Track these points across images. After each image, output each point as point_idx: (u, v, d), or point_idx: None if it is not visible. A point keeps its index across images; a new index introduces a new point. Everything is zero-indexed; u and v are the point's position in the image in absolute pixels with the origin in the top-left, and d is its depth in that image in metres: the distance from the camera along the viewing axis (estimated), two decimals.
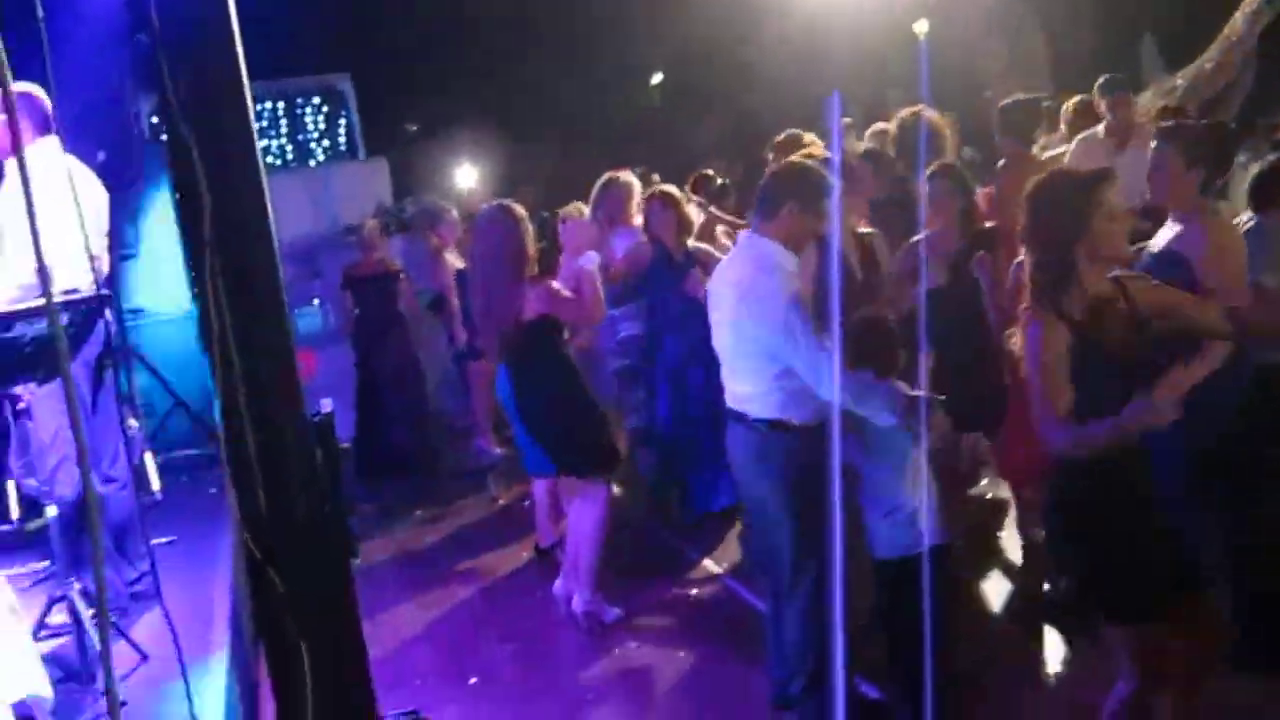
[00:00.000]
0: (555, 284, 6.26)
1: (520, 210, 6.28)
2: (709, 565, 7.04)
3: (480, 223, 6.42)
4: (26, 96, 4.77)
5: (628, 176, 7.96)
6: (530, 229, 6.23)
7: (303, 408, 2.54)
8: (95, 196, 4.87)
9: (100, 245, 5.09)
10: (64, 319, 3.30)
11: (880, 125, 8.78)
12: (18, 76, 2.10)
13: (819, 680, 4.83)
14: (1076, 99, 9.07)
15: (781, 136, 7.54)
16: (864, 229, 6.12)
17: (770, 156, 7.59)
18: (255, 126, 2.65)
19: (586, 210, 8.12)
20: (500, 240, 6.16)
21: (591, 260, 6.51)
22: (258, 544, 2.47)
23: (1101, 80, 8.59)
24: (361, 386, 10.17)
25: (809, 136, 7.37)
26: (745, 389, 4.81)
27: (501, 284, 6.14)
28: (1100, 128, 8.33)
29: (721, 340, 4.90)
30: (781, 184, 4.79)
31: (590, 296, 6.40)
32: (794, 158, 5.25)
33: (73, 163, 4.62)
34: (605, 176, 7.99)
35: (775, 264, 4.67)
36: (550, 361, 6.27)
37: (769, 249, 4.71)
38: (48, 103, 4.21)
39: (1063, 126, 8.92)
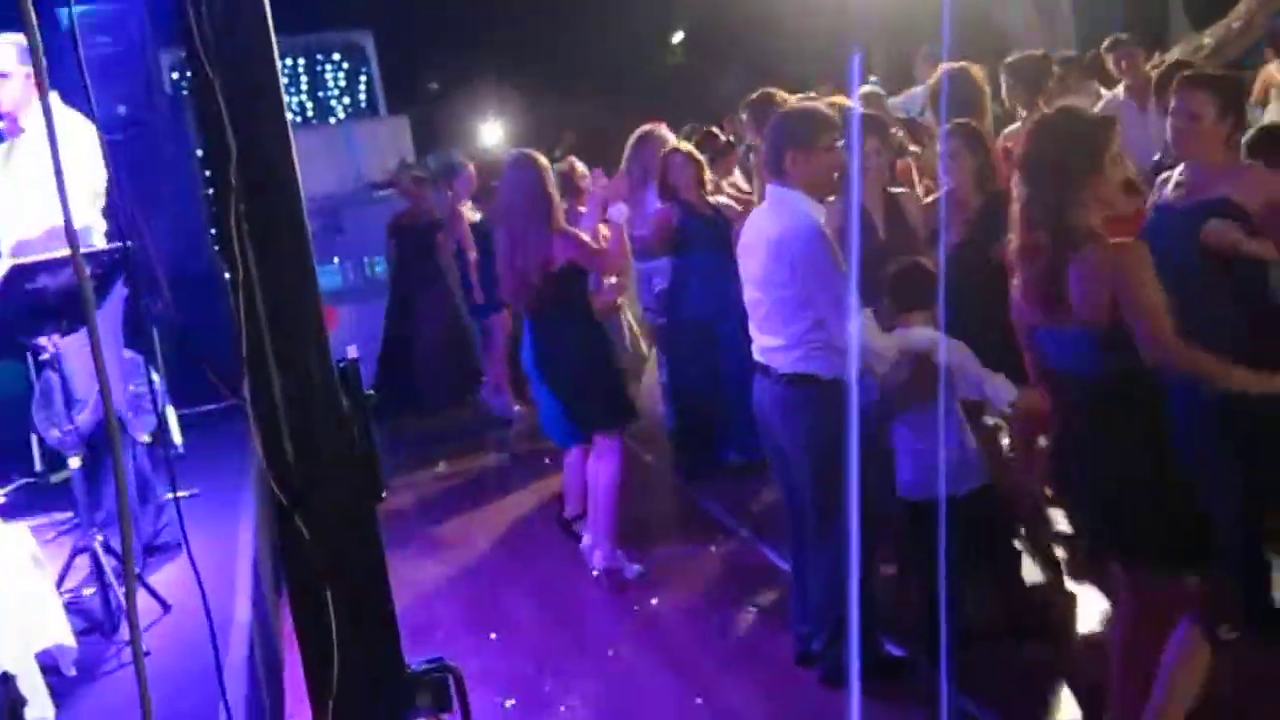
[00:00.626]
0: (582, 233, 6.24)
1: (543, 159, 6.28)
2: (730, 522, 7.03)
3: (506, 171, 6.38)
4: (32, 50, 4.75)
5: (663, 131, 7.89)
6: (552, 177, 6.23)
7: (329, 352, 2.53)
8: (91, 141, 4.85)
9: (101, 185, 5.09)
10: (88, 270, 3.29)
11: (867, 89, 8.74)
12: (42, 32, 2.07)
13: (841, 635, 4.83)
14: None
15: (754, 95, 7.50)
16: (894, 188, 6.06)
17: (744, 117, 7.55)
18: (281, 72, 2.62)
19: (580, 165, 8.09)
20: (527, 188, 6.13)
21: (621, 213, 6.48)
22: (283, 490, 2.46)
23: (1107, 42, 8.59)
24: (392, 329, 10.41)
25: (782, 94, 7.32)
26: (773, 342, 4.80)
27: (528, 232, 6.11)
28: (1120, 89, 8.25)
29: (751, 294, 4.88)
30: (776, 135, 4.78)
31: (617, 248, 6.38)
32: (794, 103, 5.20)
33: (66, 110, 4.61)
34: (640, 131, 7.93)
35: (803, 211, 4.67)
36: (574, 313, 6.26)
37: (793, 198, 4.70)
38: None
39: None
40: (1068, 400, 3.98)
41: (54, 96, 4.37)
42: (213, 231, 9.78)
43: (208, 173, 2.64)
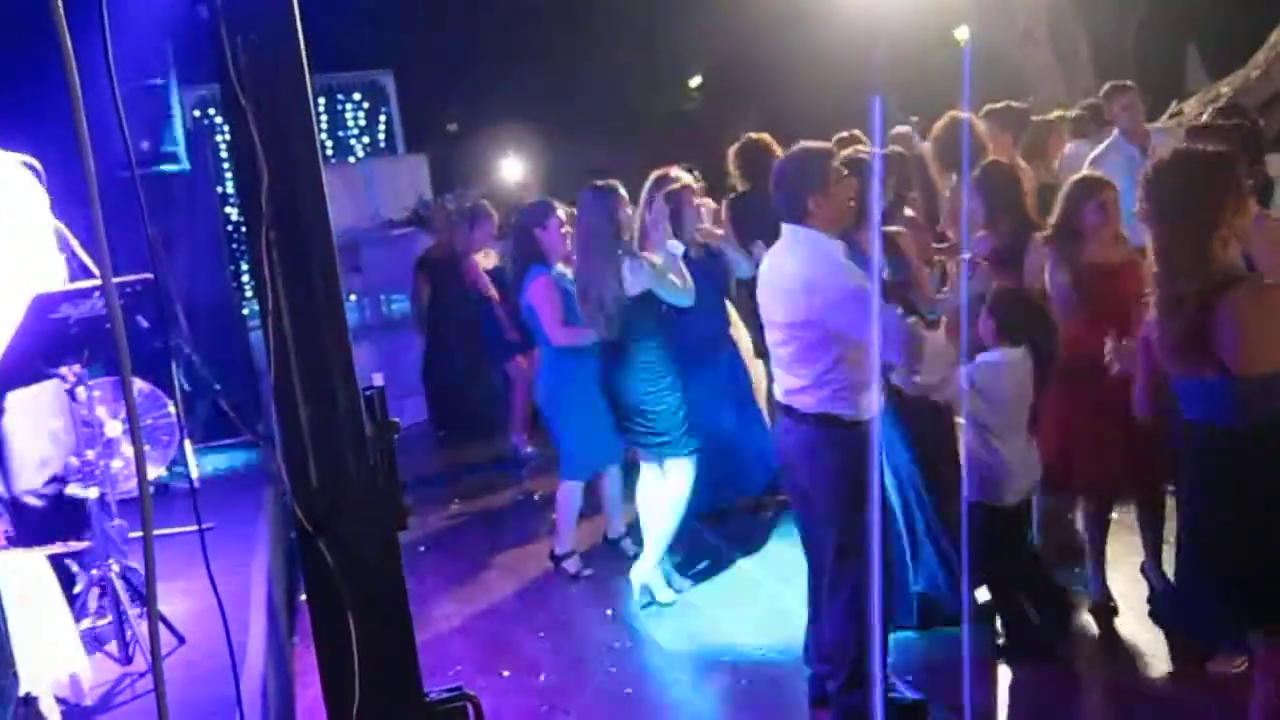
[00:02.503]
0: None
1: (622, 190, 6.44)
2: (743, 561, 7.01)
3: (584, 201, 6.50)
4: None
5: (678, 172, 7.90)
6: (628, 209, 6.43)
7: (354, 379, 2.54)
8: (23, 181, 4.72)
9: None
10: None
11: (900, 129, 8.78)
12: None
13: (856, 680, 4.82)
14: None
15: (742, 140, 7.54)
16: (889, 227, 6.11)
17: (733, 164, 7.57)
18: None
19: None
20: (600, 212, 6.29)
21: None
22: (308, 516, 2.47)
23: (1106, 86, 8.58)
24: (432, 358, 10.92)
25: (766, 139, 7.39)
26: (796, 382, 4.80)
27: (604, 256, 6.25)
28: (1116, 132, 8.25)
29: (774, 335, 4.89)
30: (792, 181, 4.77)
31: None
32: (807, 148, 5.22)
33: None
34: (656, 173, 7.95)
35: (826, 251, 4.69)
36: (651, 337, 6.39)
37: (815, 238, 4.70)
38: None
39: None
40: (1208, 452, 3.82)
41: None
42: (231, 268, 9.85)
43: (227, 209, 2.66)
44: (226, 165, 11.29)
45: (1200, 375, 3.67)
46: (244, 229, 2.44)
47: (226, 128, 2.69)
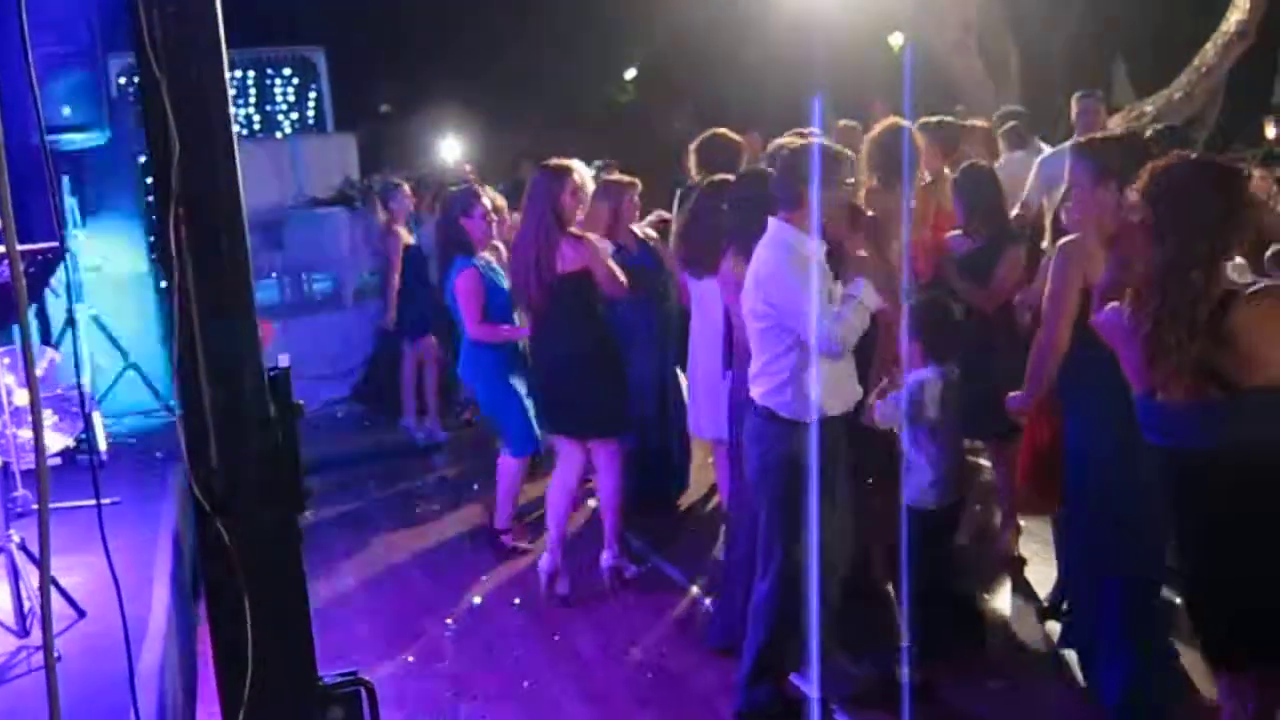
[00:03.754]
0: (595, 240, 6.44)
1: (568, 169, 6.42)
2: (651, 554, 7.04)
3: (532, 178, 6.53)
4: None
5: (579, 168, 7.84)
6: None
7: (260, 360, 2.52)
8: None
9: None
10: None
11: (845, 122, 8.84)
12: None
13: (761, 674, 4.89)
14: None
15: (704, 136, 7.57)
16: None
17: (692, 162, 7.58)
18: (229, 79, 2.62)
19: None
20: (548, 191, 6.28)
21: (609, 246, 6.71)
22: (206, 495, 2.45)
23: (1078, 94, 8.84)
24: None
25: (728, 134, 7.42)
26: (753, 370, 4.93)
27: (543, 233, 6.23)
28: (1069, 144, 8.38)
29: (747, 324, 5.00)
30: (791, 171, 4.79)
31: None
32: (791, 140, 5.25)
33: None
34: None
35: (785, 243, 4.74)
36: (585, 318, 6.39)
37: (785, 231, 4.77)
38: None
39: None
40: (1191, 478, 3.63)
41: None
42: (151, 239, 9.72)
43: (149, 179, 2.63)
44: None
45: (1203, 398, 3.46)
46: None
47: None
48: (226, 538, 2.47)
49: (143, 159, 9.10)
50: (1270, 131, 14.71)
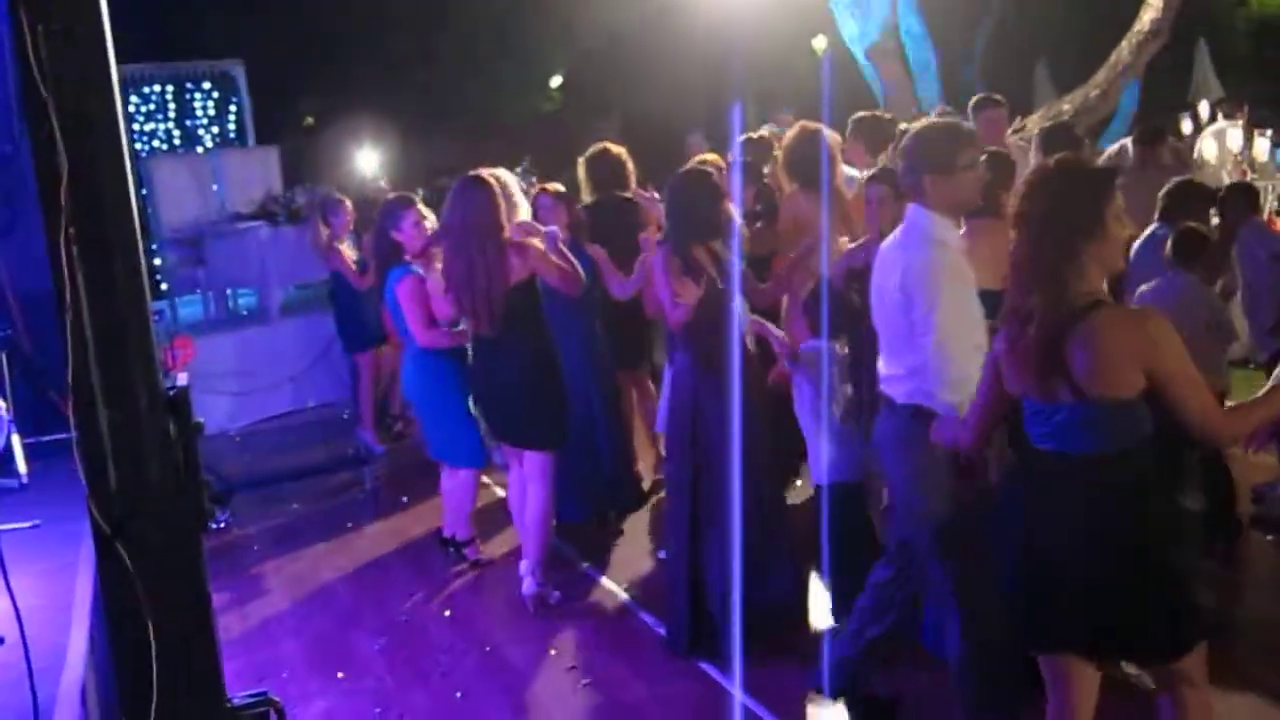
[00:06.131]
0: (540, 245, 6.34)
1: (494, 179, 6.34)
2: (581, 563, 7.03)
3: (458, 191, 6.32)
4: None
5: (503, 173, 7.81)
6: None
7: (158, 379, 2.49)
8: None
9: None
10: None
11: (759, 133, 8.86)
12: None
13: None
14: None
15: (592, 151, 7.62)
16: None
17: (582, 171, 7.65)
18: (120, 97, 2.59)
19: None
20: (483, 206, 6.17)
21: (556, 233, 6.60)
22: (106, 518, 2.41)
23: (974, 100, 8.50)
24: None
25: (615, 148, 7.51)
26: (889, 369, 4.70)
27: (488, 248, 6.13)
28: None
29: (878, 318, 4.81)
30: (912, 157, 4.57)
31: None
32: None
33: None
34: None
35: (930, 236, 4.50)
36: (533, 328, 6.34)
37: (924, 220, 4.52)
38: None
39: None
40: (1060, 483, 3.61)
41: None
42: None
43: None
44: None
45: (1048, 398, 3.52)
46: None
47: None
48: (128, 560, 2.43)
49: None
50: (1186, 127, 14.99)
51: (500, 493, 8.01)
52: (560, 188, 7.68)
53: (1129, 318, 3.48)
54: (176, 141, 15.43)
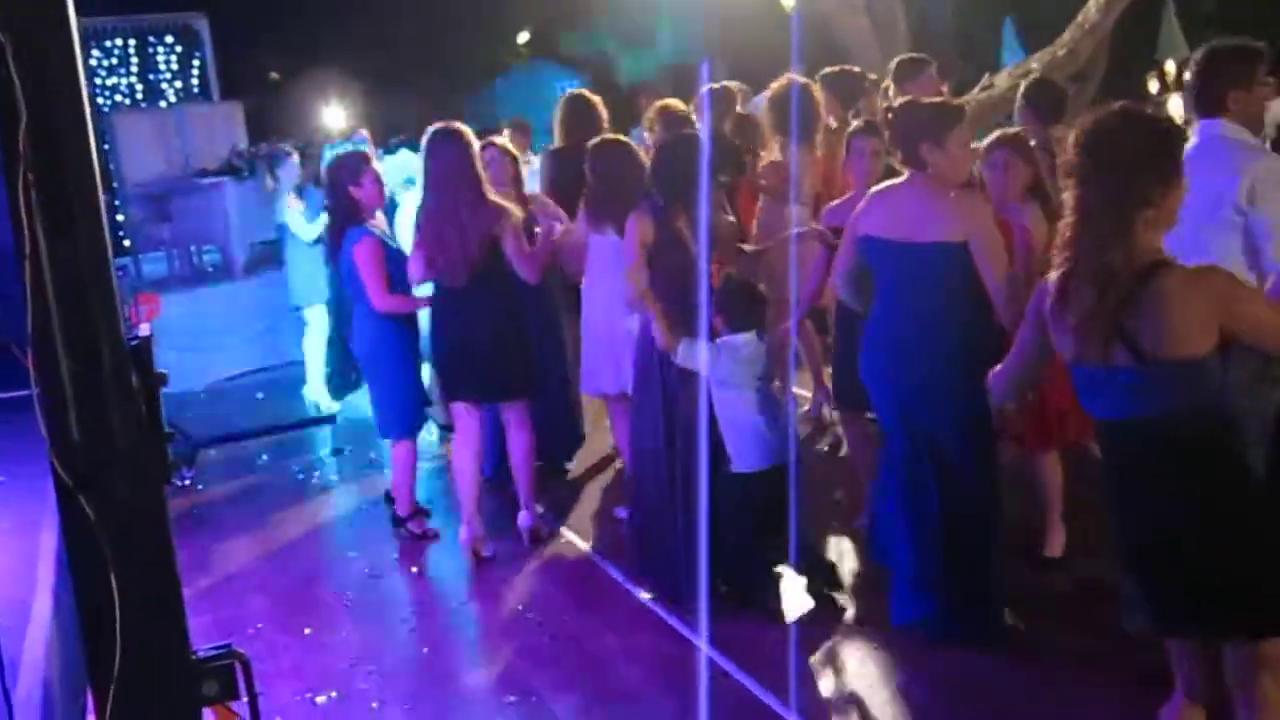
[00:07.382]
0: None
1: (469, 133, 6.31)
2: (559, 527, 7.02)
3: (431, 143, 6.26)
4: None
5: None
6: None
7: (120, 330, 2.45)
8: None
9: None
10: None
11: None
12: None
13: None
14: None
15: (568, 96, 7.61)
16: None
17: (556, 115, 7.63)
18: (82, 42, 2.54)
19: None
20: (459, 155, 6.16)
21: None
22: (68, 471, 2.39)
23: (898, 60, 8.02)
24: None
25: (590, 95, 7.57)
26: None
27: (467, 195, 6.13)
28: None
29: None
30: (1214, 75, 4.73)
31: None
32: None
33: None
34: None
35: (1239, 142, 4.70)
36: (506, 282, 6.34)
37: (1231, 130, 4.70)
38: None
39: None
40: (1134, 450, 3.48)
41: None
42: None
43: None
44: None
45: (1108, 363, 3.37)
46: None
47: None
48: (91, 513, 2.41)
49: None
50: (1153, 86, 15.03)
51: None
52: (506, 143, 7.57)
53: (1197, 279, 3.28)
54: (139, 96, 15.23)
